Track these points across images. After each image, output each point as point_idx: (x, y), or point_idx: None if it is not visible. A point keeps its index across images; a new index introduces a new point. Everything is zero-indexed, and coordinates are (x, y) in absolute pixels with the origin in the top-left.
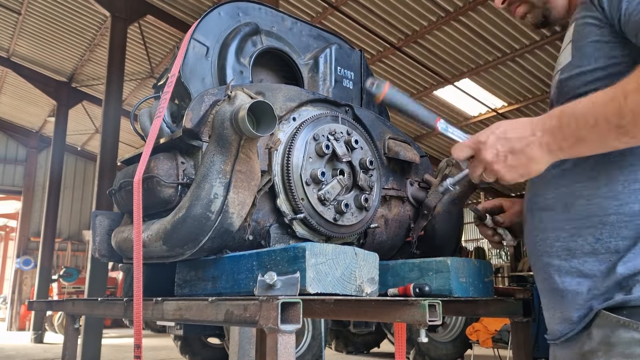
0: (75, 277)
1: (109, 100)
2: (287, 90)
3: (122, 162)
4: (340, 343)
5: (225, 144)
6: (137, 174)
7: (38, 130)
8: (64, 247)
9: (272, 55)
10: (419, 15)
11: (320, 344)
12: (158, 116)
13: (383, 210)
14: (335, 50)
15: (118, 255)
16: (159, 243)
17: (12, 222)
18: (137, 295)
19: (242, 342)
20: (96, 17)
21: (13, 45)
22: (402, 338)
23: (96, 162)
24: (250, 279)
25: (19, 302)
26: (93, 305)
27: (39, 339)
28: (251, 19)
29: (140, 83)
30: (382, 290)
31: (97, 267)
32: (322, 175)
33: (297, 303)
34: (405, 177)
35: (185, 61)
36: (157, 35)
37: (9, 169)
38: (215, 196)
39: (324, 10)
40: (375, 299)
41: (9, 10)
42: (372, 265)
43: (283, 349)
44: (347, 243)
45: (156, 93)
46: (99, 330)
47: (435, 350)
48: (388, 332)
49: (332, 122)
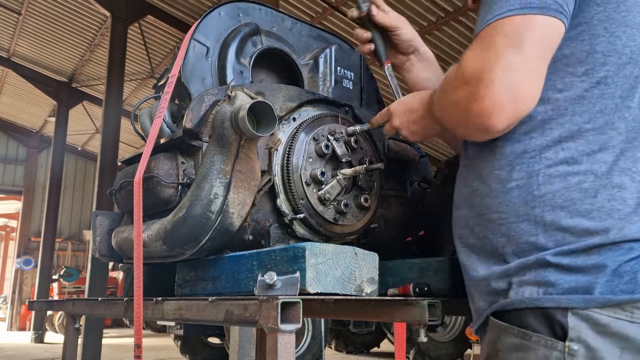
0: (75, 277)
1: (109, 101)
2: (287, 91)
3: (122, 162)
4: (340, 343)
5: (225, 144)
6: (137, 174)
7: (38, 130)
8: (65, 247)
9: (272, 55)
10: (418, 15)
11: (320, 343)
12: (158, 116)
13: (383, 210)
14: (335, 50)
15: (118, 255)
16: (159, 243)
17: (12, 222)
18: (138, 295)
19: (242, 341)
20: (96, 17)
21: (13, 45)
22: (402, 338)
23: (96, 162)
24: (250, 278)
25: (19, 302)
26: (93, 305)
27: (40, 338)
28: (251, 19)
29: (141, 83)
30: (382, 290)
31: (97, 267)
32: (322, 175)
33: (297, 303)
34: (405, 177)
35: (186, 61)
36: (157, 35)
37: (10, 169)
38: (216, 196)
39: (324, 10)
40: (375, 298)
41: (9, 10)
42: (372, 265)
43: (283, 348)
44: (347, 243)
45: (156, 93)
46: (99, 330)
47: (435, 350)
48: (388, 331)
49: (332, 122)
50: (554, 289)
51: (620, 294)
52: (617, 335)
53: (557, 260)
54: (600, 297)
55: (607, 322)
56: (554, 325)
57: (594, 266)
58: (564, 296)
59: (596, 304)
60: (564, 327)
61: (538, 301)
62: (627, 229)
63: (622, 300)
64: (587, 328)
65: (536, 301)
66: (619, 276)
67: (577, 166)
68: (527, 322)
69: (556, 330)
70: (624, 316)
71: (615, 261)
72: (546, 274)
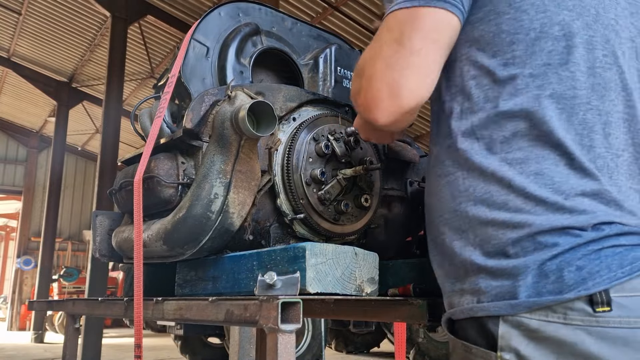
0: (75, 277)
1: (109, 101)
2: (287, 91)
3: (122, 162)
4: (340, 343)
5: (225, 144)
6: (137, 174)
7: (38, 130)
8: (65, 247)
9: (272, 55)
10: None
11: (320, 343)
12: (158, 116)
13: (383, 210)
14: (335, 50)
15: (118, 255)
16: (159, 243)
17: (12, 222)
18: (138, 295)
19: (242, 341)
20: (96, 17)
21: (13, 45)
22: (402, 338)
23: (96, 162)
24: (251, 278)
25: (19, 302)
26: (93, 305)
27: (40, 338)
28: (251, 19)
29: (141, 83)
30: (382, 290)
31: (97, 267)
32: (322, 175)
33: (297, 303)
34: (405, 177)
35: (186, 61)
36: (157, 35)
37: (10, 169)
38: (216, 196)
39: (324, 10)
40: (375, 298)
41: (9, 10)
42: (372, 265)
43: (283, 348)
44: (347, 243)
45: (156, 93)
46: (99, 330)
47: (435, 350)
48: (388, 331)
49: (332, 122)
50: (485, 296)
51: (547, 294)
52: (550, 339)
53: (484, 262)
54: (525, 300)
55: (537, 326)
56: (488, 335)
57: (516, 267)
58: (492, 303)
59: (523, 308)
60: (495, 336)
61: (472, 311)
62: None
63: (550, 302)
64: (518, 335)
65: (470, 311)
66: (544, 276)
67: (492, 156)
68: (468, 334)
69: (490, 341)
70: (555, 318)
71: (537, 260)
72: (478, 281)
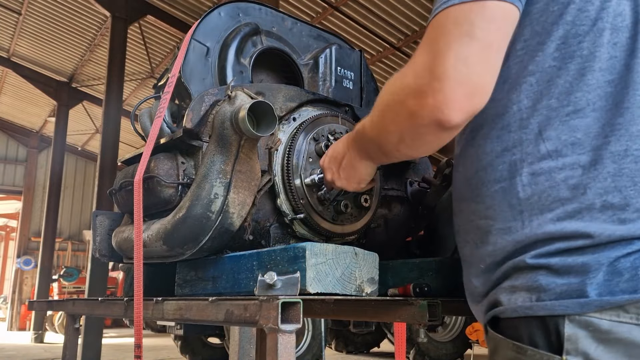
0: (75, 277)
1: (109, 100)
2: (287, 91)
3: (122, 162)
4: (340, 343)
5: (225, 144)
6: (137, 174)
7: (38, 130)
8: (65, 247)
9: (273, 55)
10: (418, 16)
11: (320, 343)
12: (158, 116)
13: (383, 210)
14: (335, 50)
15: (118, 255)
16: (159, 243)
17: (12, 222)
18: (138, 295)
19: (242, 342)
20: (96, 17)
21: (13, 45)
22: (402, 338)
23: (96, 162)
24: (251, 278)
25: (19, 302)
26: (93, 305)
27: (40, 338)
28: (251, 19)
29: (141, 83)
30: (382, 290)
31: (97, 267)
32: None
33: (297, 303)
34: (405, 177)
35: (186, 61)
36: (157, 35)
37: (10, 169)
38: (216, 196)
39: (324, 10)
40: (375, 298)
41: (9, 10)
42: (372, 265)
43: (283, 348)
44: (347, 243)
45: (156, 93)
46: (99, 330)
47: (435, 350)
48: (388, 331)
49: (332, 122)
50: (547, 294)
51: (620, 293)
52: (622, 341)
53: (546, 261)
54: (597, 299)
55: (609, 327)
56: (551, 336)
57: (586, 264)
58: (557, 302)
59: (593, 307)
60: (561, 337)
61: (530, 309)
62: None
63: (624, 301)
64: (586, 336)
65: (528, 310)
66: (618, 274)
67: (562, 159)
68: (522, 334)
69: (553, 342)
70: (628, 319)
71: (611, 257)
72: (537, 278)
